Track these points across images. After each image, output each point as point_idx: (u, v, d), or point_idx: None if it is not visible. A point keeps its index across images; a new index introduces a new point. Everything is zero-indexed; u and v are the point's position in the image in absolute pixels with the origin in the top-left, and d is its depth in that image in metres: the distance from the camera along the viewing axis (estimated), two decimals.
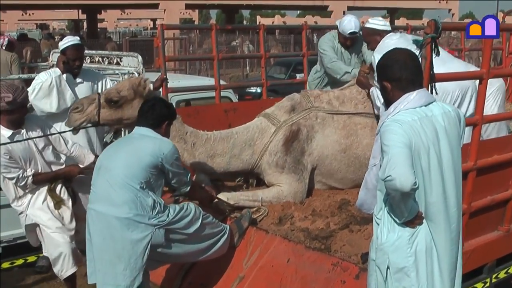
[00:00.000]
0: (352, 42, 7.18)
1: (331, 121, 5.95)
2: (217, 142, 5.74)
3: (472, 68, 6.21)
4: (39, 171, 5.61)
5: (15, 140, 5.38)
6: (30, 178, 5.50)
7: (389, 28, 6.00)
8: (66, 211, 5.70)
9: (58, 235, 5.63)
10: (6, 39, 10.73)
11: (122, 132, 6.85)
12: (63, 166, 5.80)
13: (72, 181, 5.81)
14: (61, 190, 5.71)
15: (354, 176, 5.96)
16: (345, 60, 7.24)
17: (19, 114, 5.44)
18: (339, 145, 5.89)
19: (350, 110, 6.05)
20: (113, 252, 4.46)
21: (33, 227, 5.72)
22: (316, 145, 5.86)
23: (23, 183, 5.50)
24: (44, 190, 5.65)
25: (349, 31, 6.97)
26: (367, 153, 5.73)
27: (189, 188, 4.99)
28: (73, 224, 5.71)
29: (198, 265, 5.27)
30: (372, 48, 5.95)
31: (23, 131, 5.50)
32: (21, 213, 5.69)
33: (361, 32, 6.84)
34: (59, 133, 5.65)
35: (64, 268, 5.66)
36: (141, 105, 4.99)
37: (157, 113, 4.81)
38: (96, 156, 5.54)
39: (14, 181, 5.49)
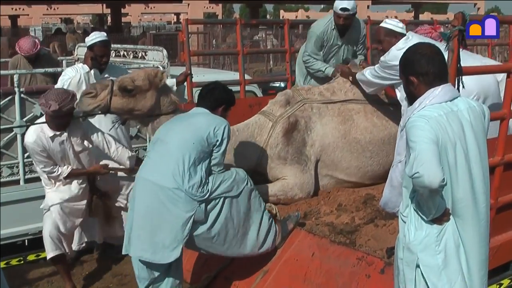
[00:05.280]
0: (346, 25, 6.78)
1: (326, 110, 6.02)
2: None
3: (489, 62, 6.10)
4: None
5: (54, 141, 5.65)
6: (65, 174, 5.76)
7: (405, 32, 5.74)
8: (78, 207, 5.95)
9: (52, 217, 5.82)
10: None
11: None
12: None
13: (98, 189, 6.11)
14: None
15: (358, 162, 5.98)
16: (333, 48, 6.95)
17: (62, 121, 5.61)
18: (338, 131, 5.94)
19: (342, 98, 6.16)
20: (156, 221, 4.52)
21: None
22: (317, 135, 5.89)
23: (55, 175, 5.76)
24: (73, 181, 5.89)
25: (340, 7, 6.63)
26: (367, 136, 5.96)
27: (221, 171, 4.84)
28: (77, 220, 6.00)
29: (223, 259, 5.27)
30: (384, 48, 5.73)
31: (65, 133, 5.68)
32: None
33: (355, 12, 6.69)
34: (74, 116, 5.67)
35: (46, 250, 5.89)
36: (201, 89, 5.06)
37: (215, 96, 4.93)
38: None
39: (47, 174, 5.76)
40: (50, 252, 5.84)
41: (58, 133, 5.63)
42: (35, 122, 5.73)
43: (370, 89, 5.98)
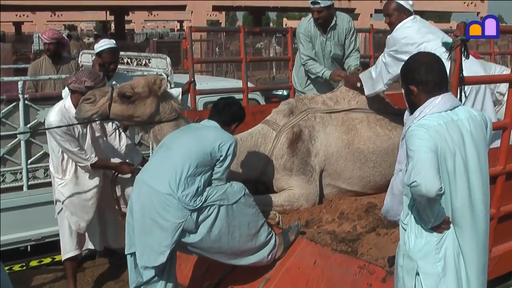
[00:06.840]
0: (321, 18, 6.85)
1: (330, 119, 6.00)
2: None
3: (489, 66, 6.23)
4: None
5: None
6: (92, 160, 5.64)
7: (412, 11, 5.78)
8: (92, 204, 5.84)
9: (69, 217, 5.78)
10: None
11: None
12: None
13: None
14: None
15: (361, 172, 5.96)
16: (320, 45, 7.03)
17: None
18: (342, 141, 5.91)
19: (345, 107, 6.15)
20: (148, 223, 4.53)
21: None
22: (321, 145, 5.86)
23: (82, 158, 5.62)
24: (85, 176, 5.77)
25: (311, 1, 6.73)
26: (370, 146, 5.94)
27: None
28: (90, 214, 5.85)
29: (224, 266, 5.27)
30: (391, 22, 5.78)
31: None
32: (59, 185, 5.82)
33: (328, 5, 6.76)
34: (68, 125, 5.54)
35: (64, 250, 5.87)
36: (216, 101, 5.09)
37: (233, 112, 5.00)
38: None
39: (74, 155, 5.60)
40: (69, 251, 5.85)
41: None
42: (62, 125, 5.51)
43: (374, 89, 5.89)
